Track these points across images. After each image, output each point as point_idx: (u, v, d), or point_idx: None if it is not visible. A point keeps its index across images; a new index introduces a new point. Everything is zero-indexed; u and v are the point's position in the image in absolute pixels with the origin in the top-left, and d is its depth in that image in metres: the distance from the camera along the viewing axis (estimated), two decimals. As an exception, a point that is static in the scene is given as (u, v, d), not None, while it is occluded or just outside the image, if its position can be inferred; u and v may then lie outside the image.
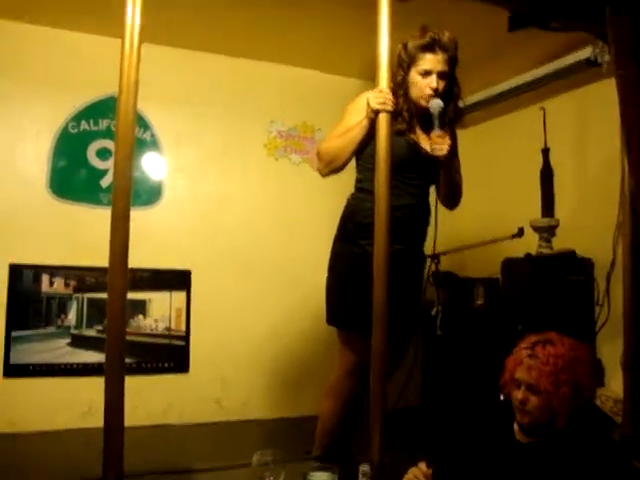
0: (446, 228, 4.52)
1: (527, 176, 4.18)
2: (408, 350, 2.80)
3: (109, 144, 3.83)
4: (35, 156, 3.69)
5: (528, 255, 3.69)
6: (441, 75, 2.39)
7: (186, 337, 3.86)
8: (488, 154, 4.72)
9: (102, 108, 3.80)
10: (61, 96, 3.75)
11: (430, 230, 2.63)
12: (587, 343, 2.18)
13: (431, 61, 2.38)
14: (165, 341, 3.83)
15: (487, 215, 4.57)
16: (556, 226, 3.79)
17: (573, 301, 3.55)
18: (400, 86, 2.42)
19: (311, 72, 4.25)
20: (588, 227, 3.74)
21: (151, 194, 3.89)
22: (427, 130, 2.45)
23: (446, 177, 2.49)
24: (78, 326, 3.69)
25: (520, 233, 3.72)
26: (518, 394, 1.91)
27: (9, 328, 3.53)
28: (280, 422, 3.88)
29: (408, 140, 2.45)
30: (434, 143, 2.33)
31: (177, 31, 3.71)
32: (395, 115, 2.31)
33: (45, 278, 3.66)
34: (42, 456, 3.14)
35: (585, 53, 3.38)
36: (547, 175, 4.06)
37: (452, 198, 2.60)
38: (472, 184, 4.70)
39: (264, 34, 3.77)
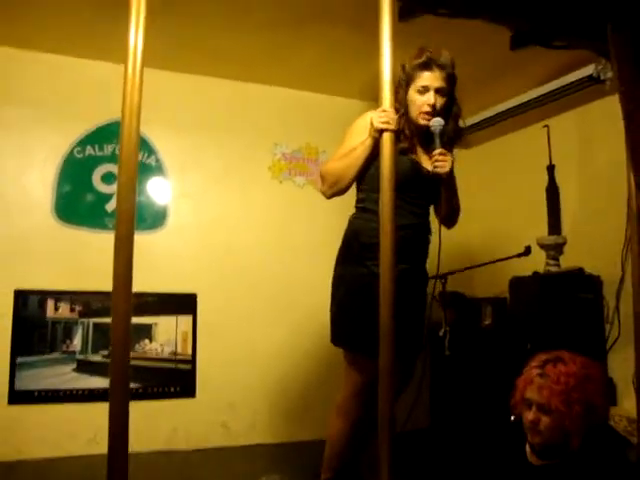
0: (453, 248, 4.54)
1: (533, 194, 4.17)
2: (415, 369, 2.76)
3: (114, 169, 3.83)
4: (41, 181, 3.71)
5: (536, 273, 3.67)
6: (439, 91, 2.40)
7: (192, 361, 3.83)
8: (493, 173, 4.71)
9: (107, 133, 3.82)
10: (67, 121, 3.77)
11: (434, 250, 2.60)
12: (598, 361, 2.15)
13: (428, 78, 2.39)
14: (171, 365, 3.80)
15: (494, 234, 4.55)
16: (563, 244, 3.76)
17: (582, 319, 3.52)
18: (400, 106, 2.42)
19: (313, 94, 4.26)
20: (595, 244, 3.71)
21: (156, 218, 3.89)
22: (427, 149, 2.46)
23: (447, 195, 2.47)
24: (84, 351, 3.67)
25: (527, 251, 3.70)
26: (529, 414, 1.88)
27: (14, 354, 3.51)
28: (288, 446, 3.83)
29: (410, 159, 2.45)
30: (436, 161, 2.32)
31: (181, 56, 3.74)
32: (397, 135, 2.24)
33: (50, 303, 3.64)
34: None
35: (588, 70, 3.39)
36: (553, 192, 4.04)
37: (452, 217, 2.61)
38: (478, 203, 4.73)
39: (267, 58, 3.79)
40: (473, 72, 3.89)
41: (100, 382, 3.63)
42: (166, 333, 3.80)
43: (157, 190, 3.93)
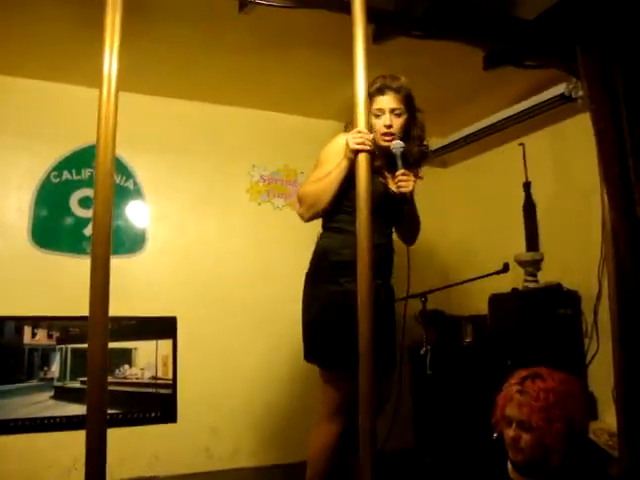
0: (432, 266, 4.58)
1: (510, 211, 4.22)
2: (392, 386, 2.77)
3: (92, 193, 3.80)
4: (17, 206, 3.67)
5: (514, 290, 3.69)
6: (393, 112, 2.54)
7: (173, 385, 3.77)
8: (470, 191, 4.76)
9: (84, 157, 3.80)
10: (42, 146, 3.75)
11: (403, 269, 2.64)
12: (577, 376, 2.16)
13: (382, 101, 2.54)
14: (152, 390, 3.75)
15: (472, 251, 4.59)
16: (541, 260, 3.80)
17: (561, 334, 3.55)
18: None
19: (290, 116, 4.29)
20: (573, 260, 3.75)
21: (134, 242, 3.87)
22: (391, 171, 2.56)
23: (410, 214, 2.60)
24: (62, 378, 3.61)
25: (505, 268, 3.72)
26: (510, 432, 1.89)
27: (-10, 383, 3.46)
28: (273, 469, 3.79)
29: (381, 182, 2.57)
30: (399, 181, 2.43)
31: (157, 80, 3.74)
32: (372, 155, 2.33)
33: (27, 329, 3.59)
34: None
35: (560, 89, 3.45)
36: (529, 209, 4.09)
37: (414, 235, 2.74)
38: (456, 221, 4.78)
39: (243, 81, 3.81)
40: (447, 92, 3.95)
41: (79, 409, 3.57)
42: (146, 357, 3.75)
43: (135, 214, 3.91)
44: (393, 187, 2.52)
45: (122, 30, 2.01)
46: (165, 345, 3.81)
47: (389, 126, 2.52)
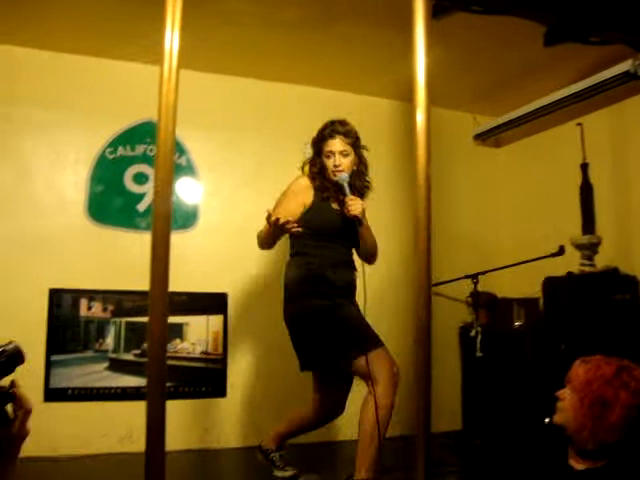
0: (484, 247, 4.52)
1: (566, 192, 4.11)
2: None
3: (145, 169, 3.87)
4: (74, 182, 3.75)
5: (570, 274, 3.61)
6: (342, 153, 2.94)
7: (223, 360, 3.83)
8: (525, 171, 4.66)
9: (138, 133, 3.85)
10: (98, 123, 3.81)
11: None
12: (636, 363, 2.10)
13: (332, 144, 2.94)
14: (202, 364, 3.82)
15: (526, 233, 4.49)
16: (598, 243, 3.70)
17: (618, 320, 3.45)
18: (318, 167, 2.99)
19: (344, 93, 4.25)
20: (631, 243, 3.65)
21: (187, 218, 3.91)
22: (341, 199, 2.94)
23: (363, 235, 2.94)
24: (116, 350, 3.70)
25: (561, 251, 3.65)
26: None
27: (49, 352, 3.56)
28: (320, 446, 3.82)
29: (334, 209, 2.97)
30: (348, 205, 2.81)
31: (212, 57, 3.75)
32: (320, 189, 2.94)
33: (83, 302, 3.68)
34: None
35: (624, 66, 3.33)
36: (587, 191, 3.98)
37: (369, 254, 3.04)
38: (510, 202, 4.68)
39: (297, 58, 3.80)
40: (505, 70, 3.86)
41: (132, 381, 3.67)
42: (197, 332, 3.81)
43: (188, 190, 3.96)
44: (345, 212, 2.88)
45: (182, 6, 2.01)
46: (216, 321, 3.86)
47: (337, 165, 2.91)
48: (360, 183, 3.06)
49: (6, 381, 1.27)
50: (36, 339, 3.50)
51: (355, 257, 3.06)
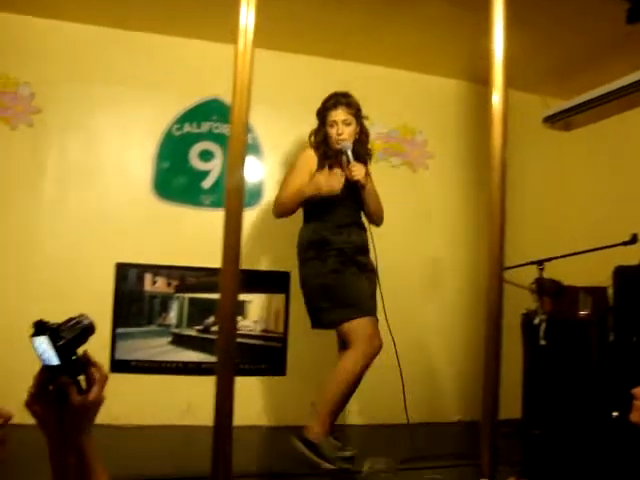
0: (552, 233, 4.39)
1: (640, 179, 3.95)
2: None
3: (211, 146, 3.90)
4: (140, 158, 3.81)
5: (643, 263, 3.47)
6: (344, 122, 3.16)
7: (284, 339, 3.86)
8: (596, 156, 4.49)
9: (204, 111, 3.88)
10: (165, 100, 3.86)
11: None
12: None
13: (335, 114, 3.18)
14: (263, 342, 3.85)
15: (596, 220, 4.34)
16: (674, 232, 3.55)
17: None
18: (322, 136, 3.22)
19: (411, 74, 4.17)
20: None
21: (251, 196, 3.93)
22: (345, 166, 3.17)
23: (366, 198, 3.20)
24: (179, 325, 3.77)
25: (633, 240, 3.51)
26: None
27: (115, 325, 3.65)
28: (378, 428, 3.82)
29: (339, 174, 3.13)
30: (351, 171, 3.09)
31: (276, 34, 3.72)
32: (324, 156, 3.17)
33: (148, 277, 3.75)
34: (145, 450, 3.21)
35: None
36: (664, 178, 3.82)
37: (374, 216, 3.31)
38: (580, 187, 4.53)
39: (364, 36, 3.74)
40: (580, 50, 3.71)
41: (194, 356, 3.73)
42: (259, 310, 3.84)
43: (252, 168, 3.97)
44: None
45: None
46: (278, 299, 3.88)
47: (340, 134, 3.15)
48: (362, 150, 3.27)
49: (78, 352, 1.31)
50: (103, 312, 3.59)
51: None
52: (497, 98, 2.54)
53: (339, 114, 3.18)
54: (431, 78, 4.21)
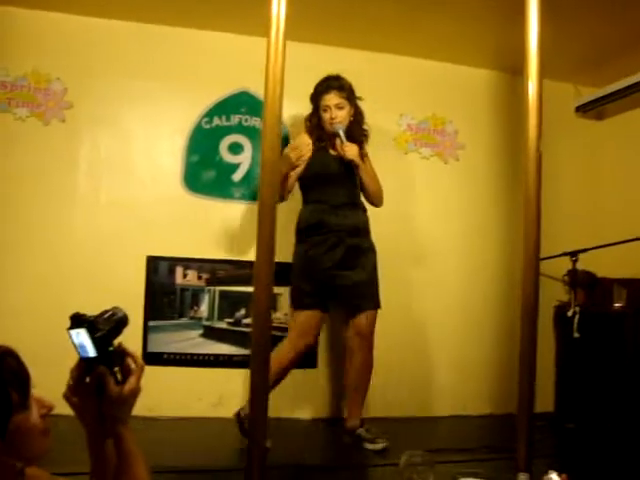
0: (585, 223, 4.33)
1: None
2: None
3: (240, 139, 3.90)
4: (171, 152, 3.83)
5: (680, 254, 3.41)
6: (337, 106, 3.25)
7: (315, 333, 3.85)
8: (631, 146, 4.39)
9: (234, 103, 3.88)
10: (194, 93, 3.86)
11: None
12: None
13: (328, 99, 3.26)
14: (293, 335, 3.85)
15: (632, 210, 4.26)
16: None
17: None
18: (316, 120, 3.32)
19: (441, 64, 4.12)
20: None
21: (279, 188, 3.92)
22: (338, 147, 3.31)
23: (362, 178, 3.32)
24: (210, 318, 3.79)
25: (670, 230, 3.45)
26: None
27: (146, 318, 3.68)
28: (409, 420, 3.81)
29: (331, 154, 3.31)
30: (344, 151, 3.22)
31: (304, 27, 3.70)
32: (318, 140, 3.29)
33: (179, 270, 3.78)
34: (179, 442, 3.25)
35: None
36: (700, 167, 3.73)
37: (372, 196, 3.40)
38: (613, 177, 4.45)
39: (393, 28, 3.70)
40: (614, 37, 3.63)
41: (225, 349, 3.75)
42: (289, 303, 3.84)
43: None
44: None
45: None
46: (308, 291, 3.87)
47: (334, 118, 3.23)
48: (358, 132, 3.35)
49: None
50: (135, 305, 3.62)
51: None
52: (532, 87, 2.53)
53: (332, 98, 3.25)
54: (460, 68, 4.16)
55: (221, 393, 3.67)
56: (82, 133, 3.72)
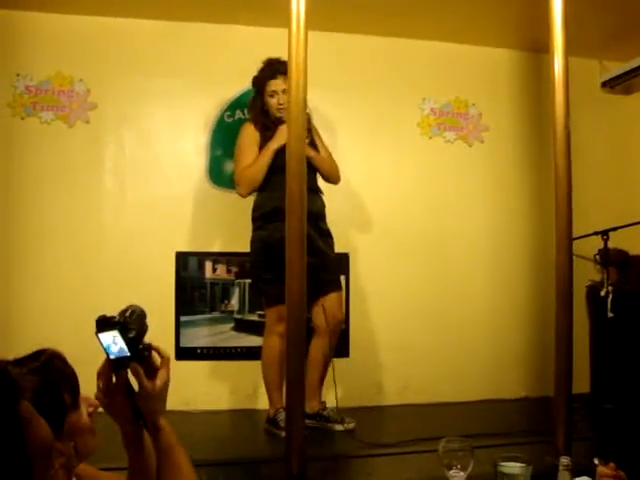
0: (616, 201, 4.26)
1: None
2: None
3: (262, 131, 3.89)
4: (195, 147, 3.85)
5: None
6: (284, 92, 3.03)
7: (346, 321, 3.85)
8: (659, 119, 4.31)
9: (255, 96, 3.86)
10: (216, 87, 3.87)
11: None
12: None
13: (275, 84, 3.20)
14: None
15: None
16: None
17: None
18: (260, 105, 3.28)
19: (462, 46, 4.06)
20: None
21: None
22: None
23: (315, 161, 3.23)
24: (241, 311, 3.81)
25: None
26: None
27: (178, 313, 3.71)
28: (440, 406, 3.80)
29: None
30: None
31: (326, 15, 3.67)
32: (264, 128, 3.23)
33: (208, 265, 3.80)
34: (215, 435, 3.28)
35: None
36: None
37: (327, 176, 3.38)
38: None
39: (413, 11, 3.65)
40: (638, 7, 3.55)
41: (257, 341, 3.74)
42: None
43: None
44: None
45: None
46: (338, 282, 3.87)
47: (282, 104, 3.11)
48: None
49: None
50: (166, 301, 3.66)
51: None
52: (558, 63, 2.49)
53: (278, 83, 3.17)
54: (482, 49, 4.10)
55: (255, 385, 3.69)
56: (106, 133, 3.75)
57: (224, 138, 3.86)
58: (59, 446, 1.01)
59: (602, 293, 3.68)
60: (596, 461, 1.76)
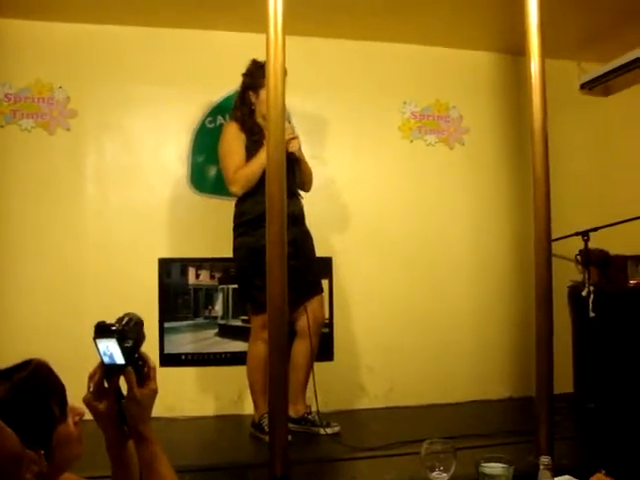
0: (596, 201, 4.30)
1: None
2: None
3: (244, 137, 3.89)
4: (176, 153, 3.84)
5: (693, 228, 3.38)
6: None
7: (330, 324, 3.85)
8: (638, 121, 4.36)
9: (235, 101, 3.86)
10: (196, 93, 3.86)
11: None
12: None
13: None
14: (309, 329, 3.85)
15: (640, 186, 4.24)
16: None
17: None
18: (249, 110, 3.27)
19: (441, 49, 4.09)
20: None
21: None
22: None
23: (300, 167, 3.24)
24: (225, 316, 3.80)
25: (682, 204, 3.42)
26: None
27: (162, 320, 3.70)
28: (427, 408, 3.81)
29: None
30: (289, 143, 2.99)
31: (306, 20, 3.69)
32: (251, 131, 3.23)
33: (191, 271, 3.79)
34: (200, 440, 3.29)
35: None
36: None
37: (304, 183, 3.35)
38: (621, 154, 4.41)
39: (393, 15, 3.67)
40: (615, 9, 3.58)
41: (241, 346, 3.75)
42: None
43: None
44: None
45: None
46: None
47: None
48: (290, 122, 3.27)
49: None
50: (150, 307, 3.64)
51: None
52: (535, 65, 2.52)
53: None
54: (461, 52, 4.13)
55: (240, 390, 3.68)
56: (87, 140, 3.73)
57: (206, 144, 3.85)
58: (30, 455, 1.00)
59: (584, 293, 3.72)
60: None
